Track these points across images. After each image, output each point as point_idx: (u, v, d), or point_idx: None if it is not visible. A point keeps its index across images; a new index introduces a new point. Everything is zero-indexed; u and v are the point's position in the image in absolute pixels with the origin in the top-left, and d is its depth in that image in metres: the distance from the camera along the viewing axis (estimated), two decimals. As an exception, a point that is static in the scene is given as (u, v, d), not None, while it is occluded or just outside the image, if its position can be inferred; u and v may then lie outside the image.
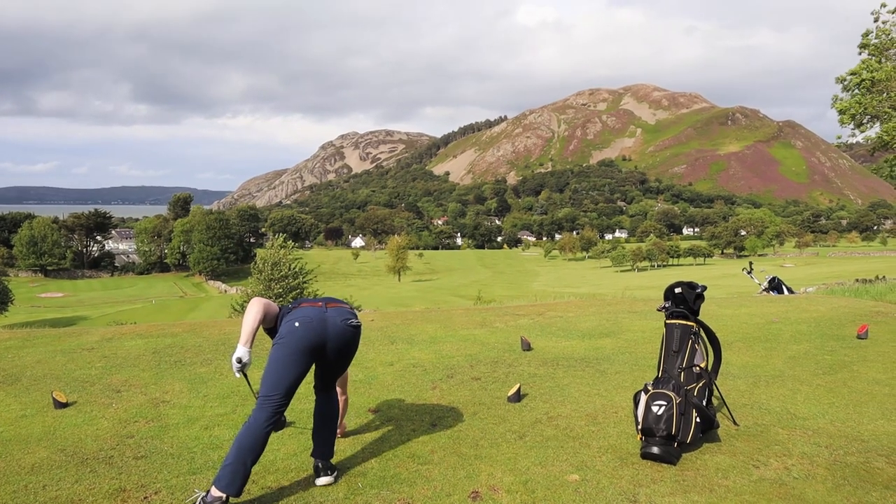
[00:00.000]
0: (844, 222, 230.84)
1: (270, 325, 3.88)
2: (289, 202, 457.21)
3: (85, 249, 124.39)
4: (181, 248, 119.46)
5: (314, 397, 4.12)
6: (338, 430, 4.50)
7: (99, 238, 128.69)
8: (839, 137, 22.79)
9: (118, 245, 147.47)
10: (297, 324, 3.68)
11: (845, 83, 20.71)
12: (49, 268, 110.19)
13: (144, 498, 3.60)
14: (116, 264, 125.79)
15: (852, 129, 21.29)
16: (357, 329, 3.92)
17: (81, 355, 7.37)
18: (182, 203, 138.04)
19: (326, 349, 3.82)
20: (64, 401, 5.37)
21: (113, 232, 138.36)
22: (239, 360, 3.62)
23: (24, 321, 56.08)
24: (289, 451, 4.30)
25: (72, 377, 6.35)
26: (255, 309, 3.74)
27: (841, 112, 20.79)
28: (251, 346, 3.68)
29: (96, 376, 6.38)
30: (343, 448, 4.33)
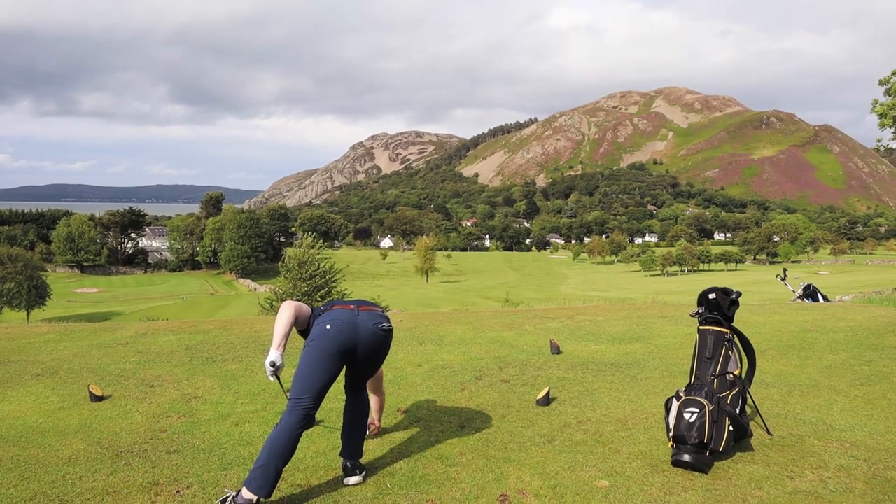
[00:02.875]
0: (883, 229, 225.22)
1: (303, 327, 3.90)
2: (318, 202, 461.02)
3: (119, 246, 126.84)
4: (212, 246, 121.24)
5: (344, 396, 4.15)
6: (372, 428, 4.57)
7: (133, 235, 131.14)
8: (879, 141, 22.26)
9: (151, 242, 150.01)
10: (328, 326, 3.71)
11: (888, 86, 20.20)
12: (85, 264, 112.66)
13: (177, 492, 3.66)
14: (150, 261, 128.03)
15: (893, 132, 20.78)
16: (389, 333, 3.92)
17: (116, 350, 7.52)
18: (214, 202, 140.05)
19: (357, 352, 3.83)
20: (100, 394, 5.49)
21: (146, 229, 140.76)
22: (273, 364, 3.64)
23: (61, 315, 57.52)
24: (318, 448, 4.33)
25: (107, 371, 6.48)
26: (287, 312, 3.74)
27: (881, 116, 20.30)
28: (284, 350, 3.70)
29: (130, 371, 6.50)
30: (372, 448, 4.35)
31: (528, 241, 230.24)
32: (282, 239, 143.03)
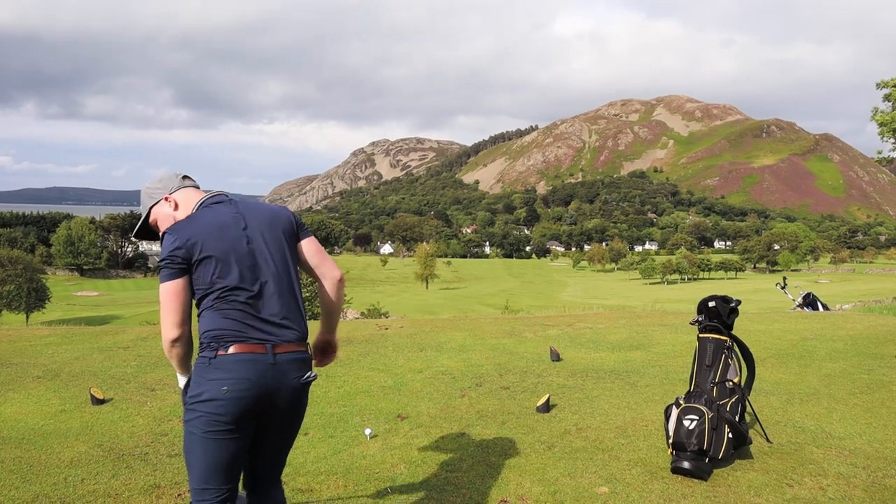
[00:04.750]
0: (883, 238, 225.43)
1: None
2: (319, 207, 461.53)
3: (120, 250, 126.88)
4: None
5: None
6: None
7: (133, 239, 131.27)
8: (880, 153, 22.31)
9: (151, 246, 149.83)
10: (224, 388, 2.42)
11: (887, 91, 20.24)
12: (85, 267, 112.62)
13: (178, 495, 3.67)
14: (149, 265, 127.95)
15: (893, 142, 20.83)
16: (309, 384, 2.68)
17: (117, 353, 7.54)
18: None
19: (268, 420, 2.61)
20: (101, 397, 5.51)
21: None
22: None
23: (60, 318, 57.41)
24: (319, 454, 4.34)
25: (108, 374, 6.50)
26: (178, 353, 2.56)
27: (881, 125, 20.35)
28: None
29: (131, 374, 6.52)
30: (373, 453, 4.36)
31: (528, 248, 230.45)
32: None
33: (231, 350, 2.48)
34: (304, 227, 2.81)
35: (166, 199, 2.75)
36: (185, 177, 2.82)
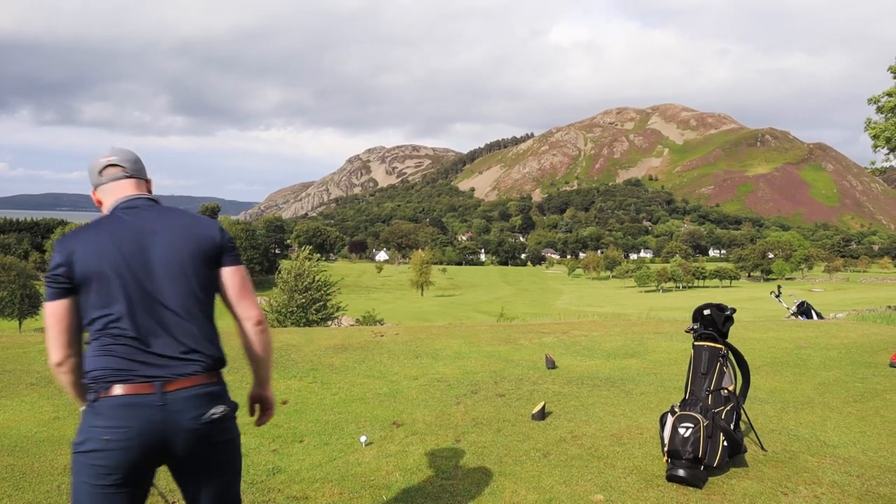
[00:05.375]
0: (876, 247, 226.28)
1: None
2: (314, 214, 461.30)
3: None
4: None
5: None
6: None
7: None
8: (873, 163, 22.39)
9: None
10: (105, 438, 2.08)
11: (879, 104, 20.35)
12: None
13: (172, 502, 3.65)
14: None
15: (886, 153, 20.91)
16: (224, 424, 2.27)
17: (112, 360, 7.51)
18: (210, 213, 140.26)
19: (177, 468, 2.25)
20: (95, 404, 5.48)
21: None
22: None
23: (53, 325, 57.16)
24: (314, 461, 4.34)
25: (102, 381, 6.47)
26: (66, 380, 2.25)
27: (874, 137, 20.44)
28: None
29: (126, 381, 6.49)
30: (368, 460, 4.35)
31: (523, 255, 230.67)
32: (277, 251, 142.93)
33: (113, 392, 2.10)
34: (230, 252, 2.35)
35: (93, 194, 2.41)
36: (111, 165, 2.37)
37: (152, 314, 2.18)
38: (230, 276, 2.36)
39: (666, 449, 4.09)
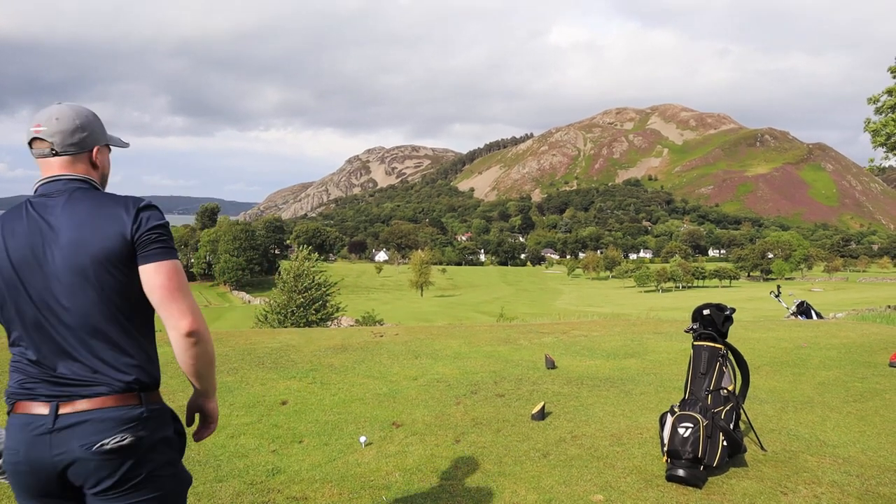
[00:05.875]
0: (876, 247, 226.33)
1: None
2: (314, 215, 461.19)
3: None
4: (207, 257, 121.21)
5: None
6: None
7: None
8: (871, 161, 22.44)
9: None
10: (6, 458, 1.93)
11: (878, 104, 20.39)
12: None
13: None
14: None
15: (885, 152, 20.95)
16: (132, 457, 1.87)
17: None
18: (209, 213, 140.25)
19: (92, 500, 1.90)
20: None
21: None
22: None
23: (52, 326, 57.22)
24: (314, 461, 4.33)
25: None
26: None
27: (873, 134, 20.47)
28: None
29: (125, 382, 6.49)
30: (367, 461, 4.35)
31: (523, 255, 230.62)
32: (277, 251, 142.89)
33: (16, 409, 1.91)
34: (150, 246, 1.88)
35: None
36: (37, 139, 1.95)
37: (52, 335, 1.87)
38: (151, 275, 1.87)
39: (665, 449, 4.09)
